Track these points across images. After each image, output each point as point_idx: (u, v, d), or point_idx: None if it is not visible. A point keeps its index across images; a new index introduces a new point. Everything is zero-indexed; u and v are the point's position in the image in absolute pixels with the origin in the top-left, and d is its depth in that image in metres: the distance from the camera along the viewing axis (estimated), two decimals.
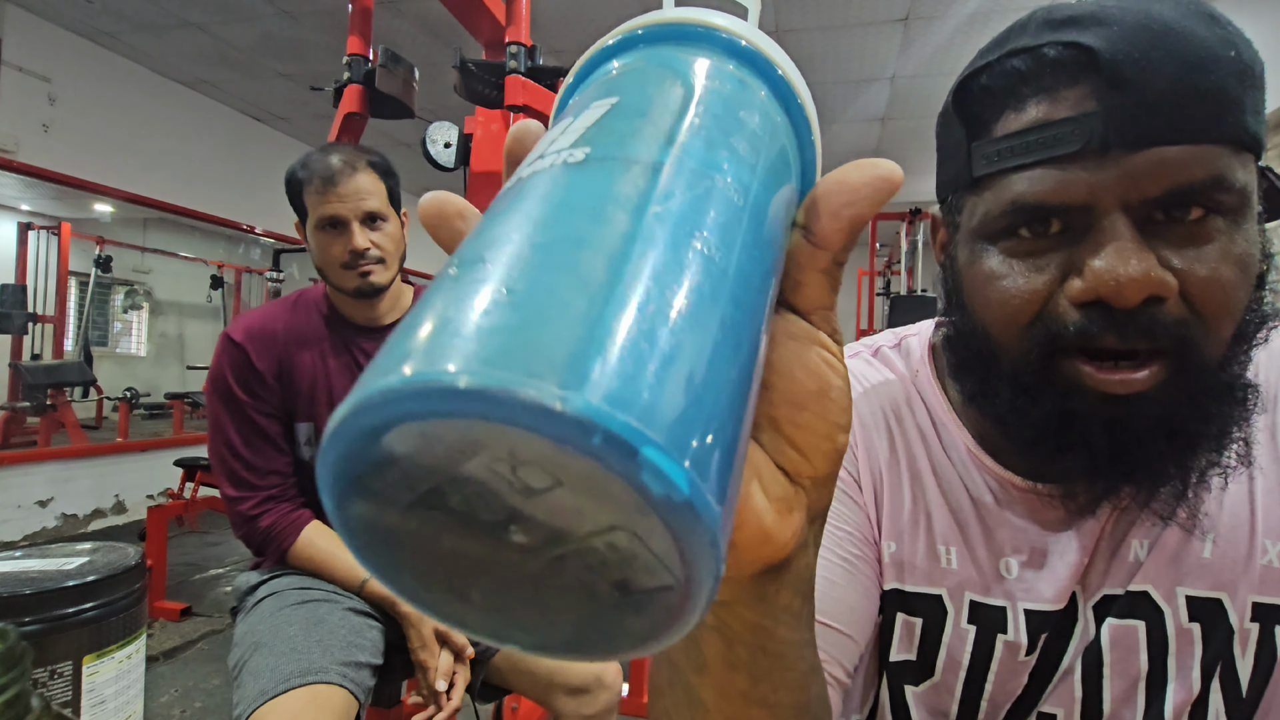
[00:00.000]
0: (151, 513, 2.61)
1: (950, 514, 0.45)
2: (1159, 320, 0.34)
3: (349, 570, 1.08)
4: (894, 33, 3.55)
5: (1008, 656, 0.43)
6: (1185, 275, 0.34)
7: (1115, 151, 0.34)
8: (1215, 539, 0.40)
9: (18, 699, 0.28)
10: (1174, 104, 0.33)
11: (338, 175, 1.03)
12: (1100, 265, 0.34)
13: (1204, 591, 0.40)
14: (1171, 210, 0.34)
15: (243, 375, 1.07)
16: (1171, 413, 0.35)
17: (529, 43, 1.48)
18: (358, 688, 0.94)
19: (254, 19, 3.58)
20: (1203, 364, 0.35)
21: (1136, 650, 0.40)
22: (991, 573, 0.44)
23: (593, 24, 3.52)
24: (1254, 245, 0.35)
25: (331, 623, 1.01)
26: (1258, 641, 0.39)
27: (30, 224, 4.01)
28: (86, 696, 0.92)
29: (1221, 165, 0.33)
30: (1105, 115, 0.33)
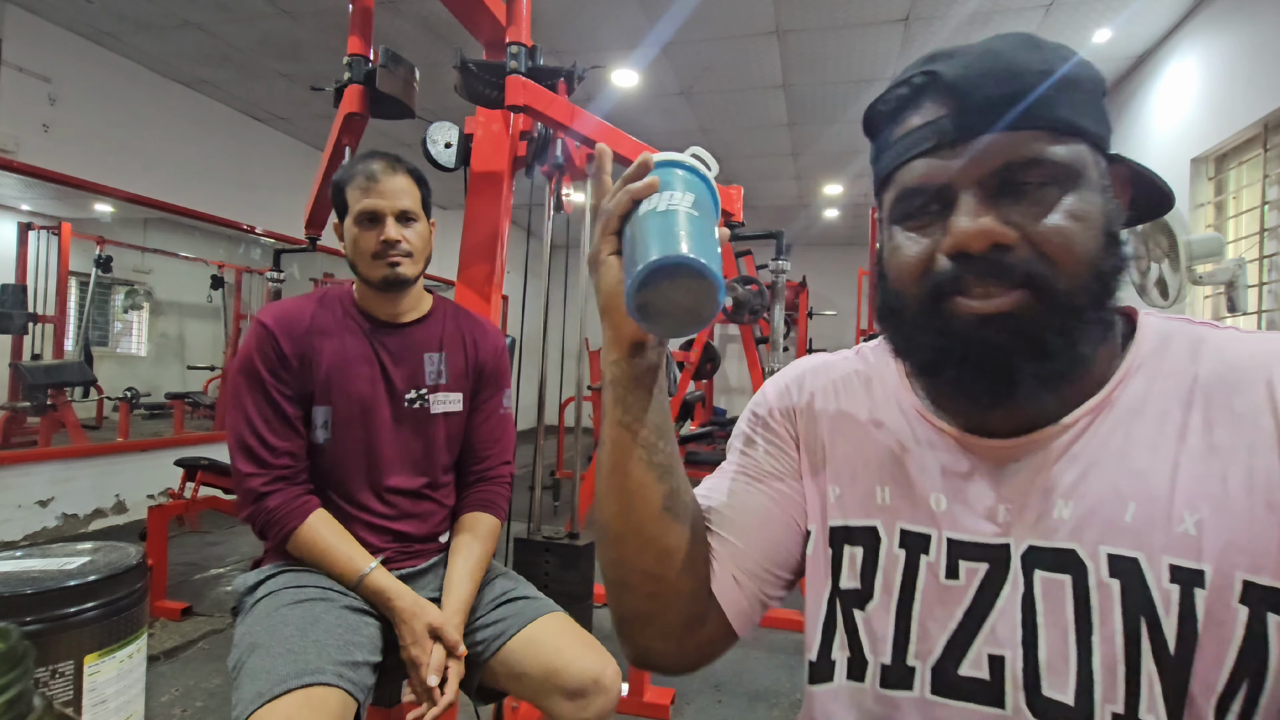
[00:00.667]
0: (152, 512, 2.62)
1: (889, 460, 0.55)
2: (1007, 263, 0.45)
3: (348, 562, 1.09)
4: (894, 33, 3.55)
5: (930, 579, 0.51)
6: (1028, 229, 0.45)
7: (959, 144, 0.46)
8: (1135, 506, 0.45)
9: (19, 698, 0.28)
10: (995, 105, 0.45)
11: (379, 174, 1.15)
12: (956, 224, 0.46)
13: (1123, 550, 0.45)
14: (1010, 182, 0.45)
15: (269, 356, 1.12)
16: (1033, 329, 0.44)
17: (529, 43, 1.48)
18: (355, 687, 0.94)
19: (254, 19, 3.58)
20: (1057, 293, 0.44)
21: (1064, 602, 0.46)
22: (922, 506, 0.52)
23: (593, 24, 3.52)
24: (1092, 205, 0.46)
25: (328, 622, 1.01)
26: (1179, 603, 0.43)
27: (30, 224, 4.01)
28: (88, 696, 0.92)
29: (1036, 146, 0.45)
30: (951, 119, 0.46)
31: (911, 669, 0.50)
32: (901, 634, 0.51)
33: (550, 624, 1.15)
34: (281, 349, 1.12)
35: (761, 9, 3.34)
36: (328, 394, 1.15)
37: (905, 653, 0.50)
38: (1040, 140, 0.45)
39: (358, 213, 1.15)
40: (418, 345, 1.23)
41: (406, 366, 1.21)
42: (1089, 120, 0.46)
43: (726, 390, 8.67)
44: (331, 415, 1.16)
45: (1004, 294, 0.45)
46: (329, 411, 1.16)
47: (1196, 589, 0.42)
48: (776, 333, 2.59)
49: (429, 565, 1.23)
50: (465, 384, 1.28)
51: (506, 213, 1.68)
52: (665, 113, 4.69)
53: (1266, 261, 2.82)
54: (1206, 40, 3.20)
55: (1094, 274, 0.45)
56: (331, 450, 1.16)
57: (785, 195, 6.77)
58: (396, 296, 1.21)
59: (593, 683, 1.08)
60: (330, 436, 1.16)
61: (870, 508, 0.54)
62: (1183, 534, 0.43)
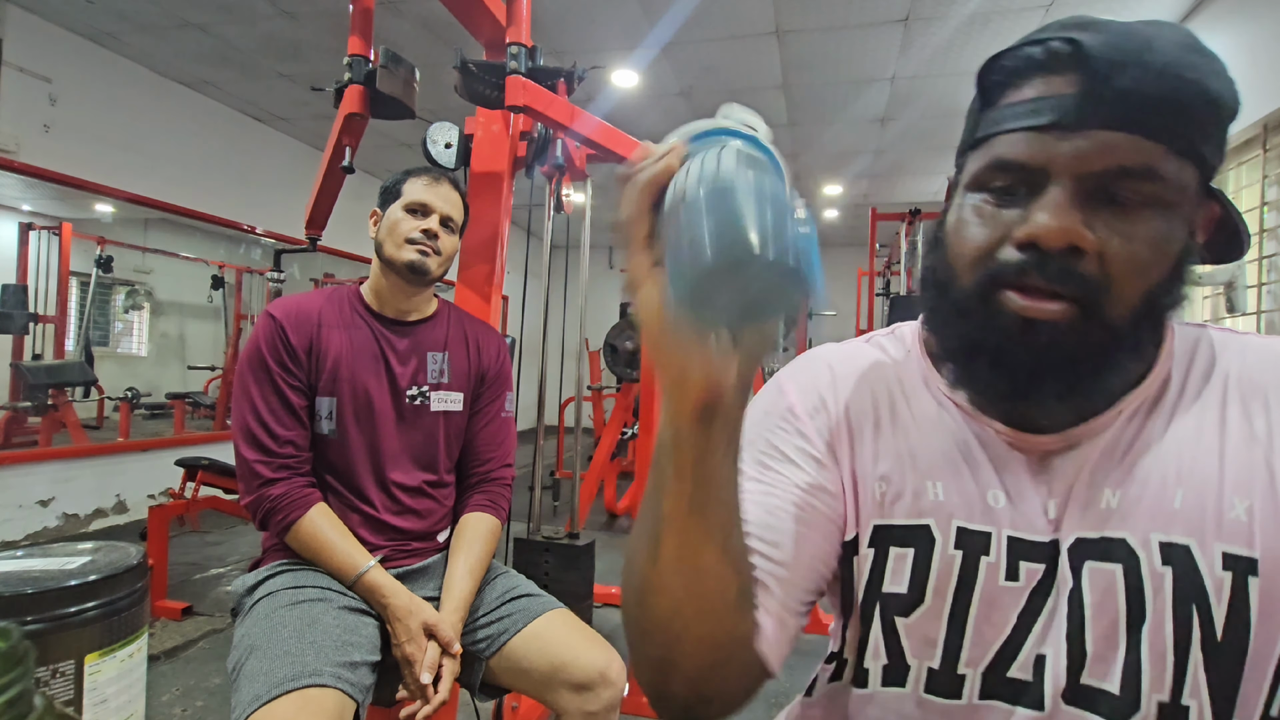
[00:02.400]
0: (153, 512, 2.62)
1: (938, 454, 0.51)
2: (1075, 269, 0.42)
3: (347, 559, 1.09)
4: (894, 33, 3.55)
5: (990, 580, 0.47)
6: (1106, 242, 0.42)
7: (1077, 129, 0.42)
8: (1184, 492, 0.44)
9: (20, 698, 0.28)
10: (1131, 102, 0.41)
11: (443, 180, 1.25)
12: (1040, 214, 0.42)
13: (1175, 538, 0.44)
14: (1109, 187, 0.42)
15: (276, 348, 1.14)
16: (1074, 344, 0.43)
17: (529, 43, 1.48)
18: (354, 687, 0.94)
19: (255, 19, 3.59)
20: (1106, 316, 0.43)
21: (1114, 593, 0.44)
22: (979, 502, 0.49)
23: (593, 24, 3.52)
24: (1174, 238, 0.43)
25: (326, 623, 1.01)
26: (1231, 590, 0.42)
27: (31, 224, 4.01)
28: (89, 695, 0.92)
29: (1155, 159, 0.41)
30: (1077, 99, 0.42)
31: (962, 676, 0.48)
32: (954, 640, 0.48)
33: (554, 620, 1.16)
34: (289, 340, 1.15)
35: (761, 9, 3.34)
36: (333, 385, 1.17)
37: (957, 660, 0.48)
38: (1159, 154, 0.41)
39: (410, 201, 1.21)
40: (423, 344, 1.25)
41: (411, 363, 1.23)
42: (1209, 148, 0.43)
43: None
44: (336, 407, 1.17)
45: (1056, 302, 0.42)
46: (334, 403, 1.17)
47: (1250, 576, 0.42)
48: None
49: (427, 564, 1.23)
50: (467, 385, 1.29)
51: (506, 213, 1.68)
52: (665, 113, 4.69)
53: (1265, 262, 2.82)
54: (1205, 41, 3.19)
55: (1149, 305, 0.43)
56: (336, 442, 1.18)
57: None
58: (408, 291, 1.24)
59: (599, 675, 1.09)
60: (335, 428, 1.18)
61: (923, 505, 0.50)
62: (1234, 520, 0.43)
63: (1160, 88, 0.40)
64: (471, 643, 1.15)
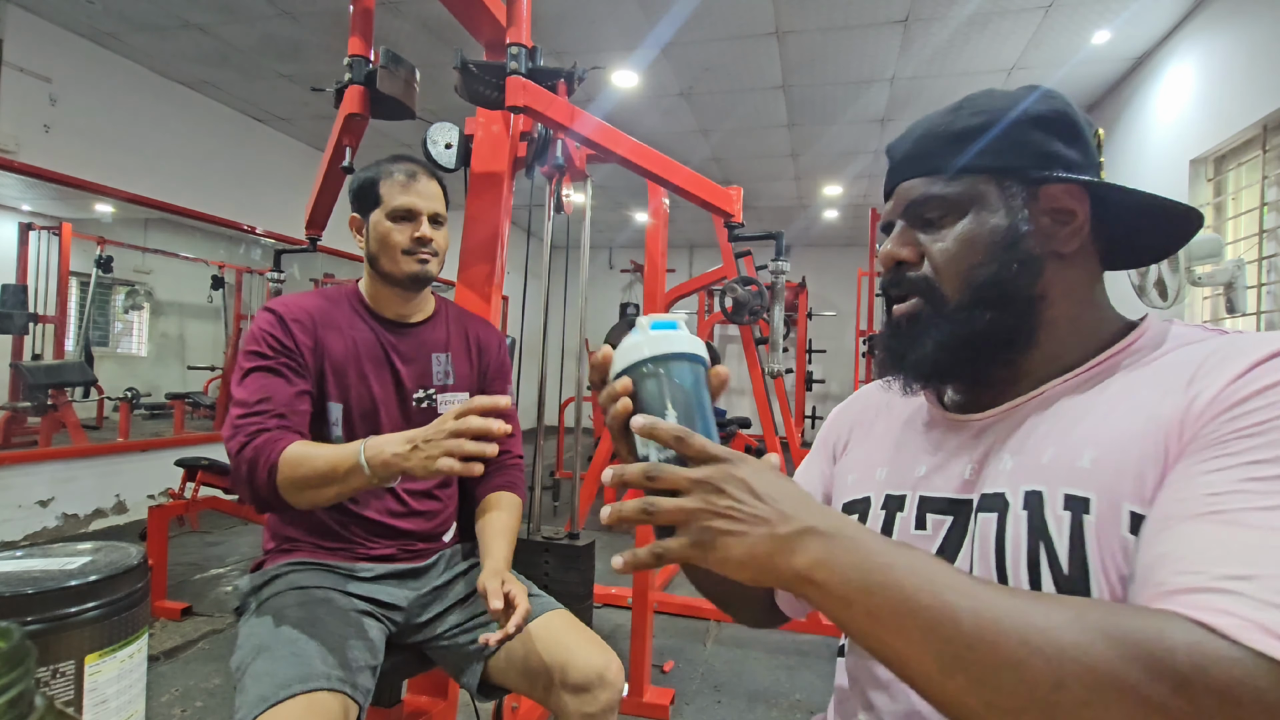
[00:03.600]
0: (152, 512, 2.62)
1: (890, 446, 0.67)
2: (903, 275, 0.61)
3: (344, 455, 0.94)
4: (894, 34, 3.55)
5: (903, 531, 0.60)
6: (927, 249, 0.60)
7: (891, 190, 0.64)
8: (1054, 450, 0.52)
9: (21, 698, 0.28)
10: (901, 164, 0.63)
11: (419, 175, 1.20)
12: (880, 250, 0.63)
13: (1034, 486, 0.51)
14: (919, 215, 0.61)
15: (277, 339, 1.10)
16: (919, 329, 0.59)
17: (530, 44, 1.48)
18: (356, 691, 0.94)
19: (255, 20, 3.59)
20: (940, 302, 0.59)
21: (990, 536, 0.53)
22: (907, 474, 0.62)
23: (593, 24, 3.53)
24: (983, 226, 0.57)
25: (330, 624, 1.01)
26: (1070, 528, 0.48)
27: (31, 224, 4.00)
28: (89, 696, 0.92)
29: (930, 188, 0.59)
30: (887, 177, 0.65)
31: None
32: None
33: (553, 620, 1.16)
34: (293, 333, 1.11)
35: (761, 9, 3.34)
36: (339, 390, 1.15)
37: None
38: (931, 183, 0.59)
39: (394, 208, 1.17)
40: (426, 345, 1.24)
41: (415, 366, 1.22)
42: (990, 158, 0.58)
43: (726, 391, 8.66)
44: (344, 413, 1.16)
45: (904, 302, 0.61)
46: (342, 409, 1.16)
47: (1084, 515, 0.48)
48: (776, 333, 2.59)
49: (431, 562, 1.23)
50: (472, 385, 1.28)
51: (506, 213, 1.68)
52: (665, 113, 4.69)
53: (1265, 263, 2.82)
54: (1205, 41, 3.20)
55: (977, 283, 0.57)
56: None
57: (785, 196, 6.77)
58: (410, 295, 1.23)
59: (597, 677, 1.09)
60: (343, 435, 1.16)
61: (868, 483, 0.66)
62: (1079, 468, 0.49)
63: (916, 147, 0.61)
64: (470, 642, 1.15)
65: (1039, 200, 0.57)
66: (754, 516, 0.44)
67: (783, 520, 0.44)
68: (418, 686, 1.57)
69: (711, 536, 0.44)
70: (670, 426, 0.47)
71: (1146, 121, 3.74)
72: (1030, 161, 0.57)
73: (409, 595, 1.17)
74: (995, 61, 3.79)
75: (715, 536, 0.44)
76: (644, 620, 2.10)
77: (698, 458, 0.46)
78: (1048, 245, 0.57)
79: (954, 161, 0.58)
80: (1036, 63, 3.80)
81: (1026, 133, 0.58)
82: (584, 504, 3.70)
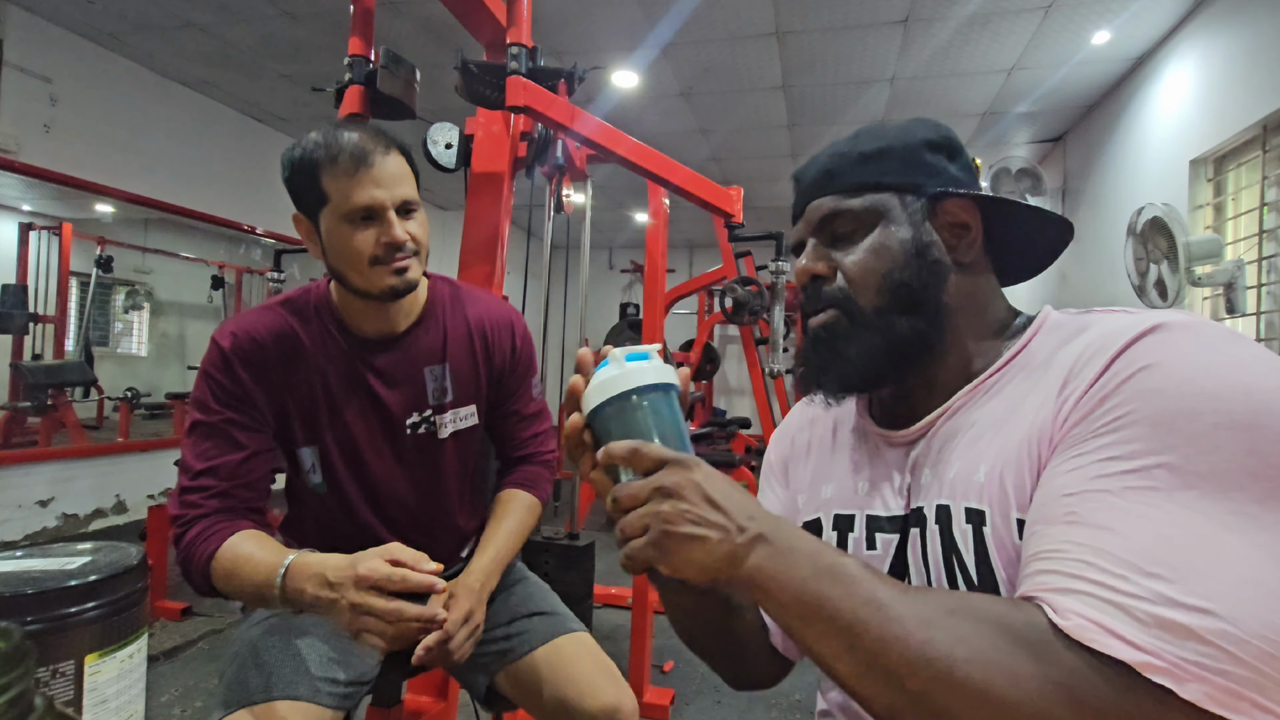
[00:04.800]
0: (152, 512, 2.62)
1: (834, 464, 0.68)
2: (819, 290, 0.62)
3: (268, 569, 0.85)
4: (894, 34, 3.55)
5: (856, 551, 0.61)
6: (840, 262, 0.61)
7: (799, 214, 0.66)
8: (959, 465, 0.54)
9: (21, 698, 0.28)
10: (808, 186, 0.65)
11: (370, 155, 0.89)
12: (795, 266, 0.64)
13: (943, 500, 0.54)
14: (829, 231, 0.63)
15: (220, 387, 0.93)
16: (837, 339, 0.61)
17: (530, 44, 1.48)
18: (332, 700, 0.92)
19: (255, 20, 3.59)
20: (858, 310, 0.60)
21: (919, 550, 0.56)
22: (850, 493, 0.64)
23: (593, 25, 3.53)
24: (891, 238, 0.60)
25: (315, 636, 0.98)
26: (973, 540, 0.51)
27: (31, 224, 4.00)
28: (88, 696, 0.92)
29: (835, 205, 0.62)
30: (796, 198, 0.67)
31: None
32: None
33: (567, 646, 1.06)
34: (240, 378, 0.94)
35: (761, 10, 3.34)
36: (308, 434, 1.00)
37: None
38: (837, 200, 0.62)
39: (350, 210, 0.90)
40: (416, 359, 1.04)
41: (403, 389, 1.03)
42: (892, 176, 0.61)
43: (726, 391, 8.66)
44: (320, 456, 1.02)
45: (821, 314, 0.62)
46: (317, 452, 1.01)
47: (983, 527, 0.51)
48: (776, 334, 2.59)
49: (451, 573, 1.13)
50: (479, 392, 1.10)
51: (507, 213, 1.68)
52: (665, 114, 4.69)
53: (1265, 263, 2.82)
54: (1205, 42, 3.20)
55: (886, 290, 0.59)
56: (329, 496, 1.05)
57: (785, 196, 6.77)
58: (389, 309, 1.01)
59: (608, 717, 0.99)
60: (323, 481, 1.03)
61: (818, 503, 0.67)
62: (975, 482, 0.52)
63: (820, 168, 0.63)
64: (482, 652, 1.08)
65: (937, 214, 0.61)
66: (710, 522, 0.47)
67: (737, 528, 0.47)
68: (418, 686, 1.57)
69: (671, 541, 0.47)
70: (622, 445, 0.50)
71: (1146, 122, 3.74)
72: (926, 179, 0.61)
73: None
74: (995, 61, 3.79)
75: (674, 541, 0.47)
76: (644, 620, 2.10)
77: (653, 467, 0.49)
78: (949, 255, 0.60)
79: (859, 180, 0.61)
80: (1036, 63, 3.79)
81: (920, 154, 0.62)
82: (584, 504, 3.70)
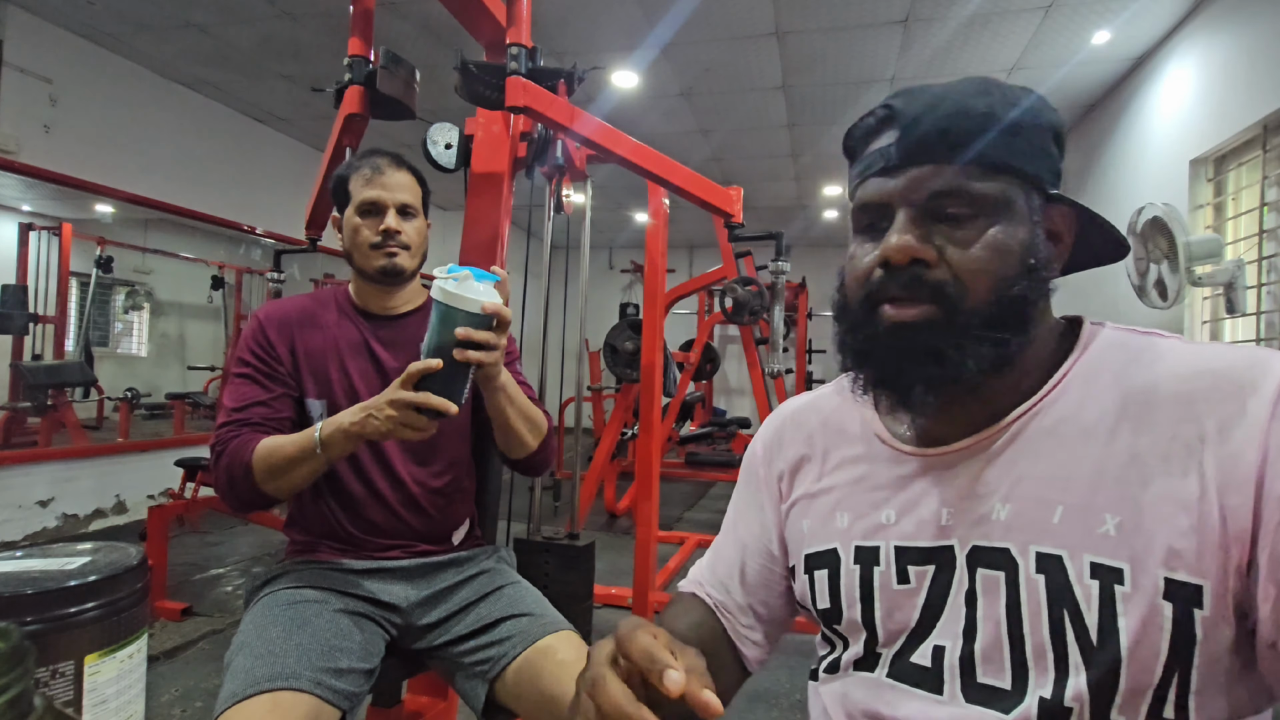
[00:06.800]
0: (152, 513, 2.62)
1: (848, 488, 0.61)
2: (922, 277, 0.51)
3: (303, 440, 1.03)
4: (894, 35, 3.55)
5: (884, 586, 0.56)
6: (948, 251, 0.51)
7: (899, 170, 0.52)
8: (1063, 510, 0.49)
9: (20, 698, 0.28)
10: (931, 140, 0.51)
11: (383, 168, 1.18)
12: (886, 239, 0.52)
13: (1049, 549, 0.48)
14: (939, 208, 0.51)
15: (255, 345, 1.16)
16: (933, 339, 0.50)
17: (530, 44, 1.48)
18: (336, 694, 0.93)
19: (255, 20, 3.59)
20: (961, 311, 0.50)
21: (998, 597, 0.50)
22: (873, 522, 0.58)
23: (593, 25, 3.53)
24: (1012, 237, 0.51)
25: (317, 626, 1.00)
26: (1099, 597, 0.46)
27: (31, 225, 4.00)
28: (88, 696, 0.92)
29: (961, 180, 0.50)
30: (896, 148, 0.52)
31: (879, 655, 0.56)
32: (871, 636, 0.57)
33: (550, 647, 1.08)
34: (269, 337, 1.15)
35: (761, 10, 3.34)
36: (319, 386, 1.16)
37: (875, 647, 0.57)
38: (966, 175, 0.50)
39: (360, 203, 1.16)
40: (412, 333, 1.21)
41: (402, 356, 1.19)
42: (1024, 161, 0.51)
43: (726, 391, 8.66)
44: (327, 410, 1.14)
45: (915, 306, 0.51)
46: (325, 405, 1.15)
47: (1116, 585, 0.46)
48: (776, 333, 2.59)
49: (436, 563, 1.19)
50: None
51: (507, 214, 1.68)
52: (665, 114, 4.69)
53: (1265, 263, 2.82)
54: (1205, 42, 3.20)
55: (1002, 299, 0.50)
56: None
57: (785, 196, 6.77)
58: (392, 289, 1.22)
59: None
60: None
61: (831, 532, 0.60)
62: (1103, 535, 0.47)
63: (953, 124, 0.51)
64: (475, 662, 1.10)
65: (1044, 219, 0.53)
66: None
67: None
68: (418, 687, 1.57)
69: None
70: None
71: (1146, 122, 3.74)
72: (1048, 175, 0.53)
73: (410, 595, 1.15)
74: (995, 62, 3.79)
75: None
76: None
77: None
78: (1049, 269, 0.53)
79: (992, 158, 0.50)
80: (1036, 63, 3.80)
81: (1048, 141, 0.53)
82: (584, 504, 3.70)
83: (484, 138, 1.70)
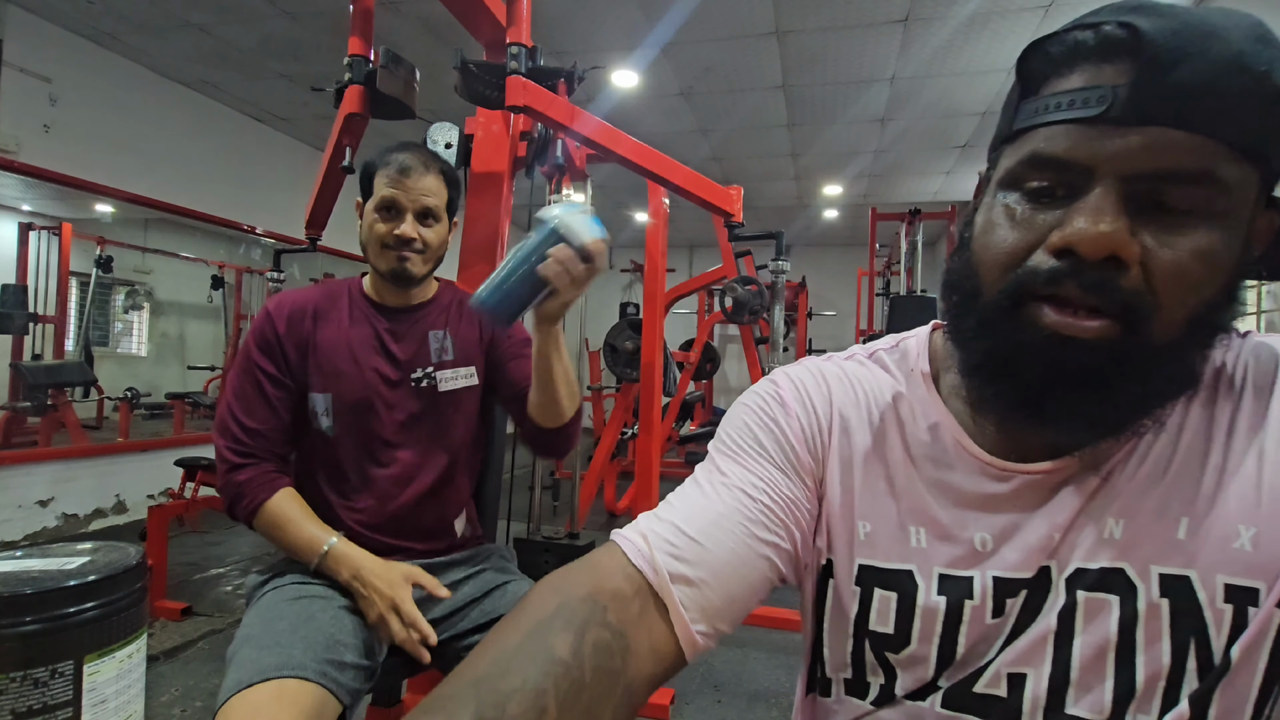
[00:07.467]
0: (152, 512, 2.62)
1: (924, 497, 0.49)
2: (1115, 282, 0.37)
3: (310, 540, 1.08)
4: (894, 34, 3.55)
5: (975, 620, 0.46)
6: (1152, 254, 0.38)
7: (1126, 124, 0.37)
8: (1189, 521, 0.41)
9: None
10: (1190, 94, 0.35)
11: (411, 169, 1.14)
12: (1080, 218, 0.38)
13: (1175, 569, 0.41)
14: (1159, 192, 0.37)
15: (264, 339, 1.16)
16: (1104, 366, 0.39)
17: (530, 43, 1.48)
18: (339, 688, 0.93)
19: (255, 20, 3.59)
20: (1149, 335, 0.38)
21: (1107, 621, 0.42)
22: (964, 548, 0.47)
23: (593, 25, 3.52)
24: (1229, 251, 0.38)
25: (321, 620, 1.00)
26: (1231, 622, 0.39)
27: (31, 224, 4.00)
28: (87, 696, 0.92)
29: (1214, 161, 0.36)
30: (1130, 90, 0.36)
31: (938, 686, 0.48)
32: (942, 666, 0.48)
33: None
34: (277, 331, 1.15)
35: (761, 9, 3.34)
36: (325, 381, 1.16)
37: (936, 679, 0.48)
38: (1218, 155, 0.36)
39: (379, 200, 1.15)
40: (424, 326, 1.23)
41: (410, 346, 1.20)
42: (1276, 151, 0.38)
43: (726, 390, 8.66)
44: (333, 402, 1.15)
45: (1097, 318, 0.38)
46: (329, 399, 1.15)
47: (1250, 608, 0.39)
48: (776, 333, 2.59)
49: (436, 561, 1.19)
50: (477, 354, 1.25)
51: (507, 213, 1.68)
52: (665, 113, 4.69)
53: None
54: None
55: (1197, 326, 0.39)
56: (336, 438, 1.16)
57: (785, 196, 6.77)
58: (401, 289, 1.22)
59: None
60: (333, 424, 1.15)
61: (904, 550, 0.49)
62: (1238, 550, 0.40)
63: (1225, 81, 0.35)
64: (465, 647, 1.12)
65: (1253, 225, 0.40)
66: None
67: None
68: (418, 686, 1.57)
69: None
70: None
71: None
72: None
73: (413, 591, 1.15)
74: (995, 61, 3.79)
75: None
76: None
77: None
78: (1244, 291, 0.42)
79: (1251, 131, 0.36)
80: None
81: None
82: (584, 504, 3.70)
83: (484, 137, 1.70)
